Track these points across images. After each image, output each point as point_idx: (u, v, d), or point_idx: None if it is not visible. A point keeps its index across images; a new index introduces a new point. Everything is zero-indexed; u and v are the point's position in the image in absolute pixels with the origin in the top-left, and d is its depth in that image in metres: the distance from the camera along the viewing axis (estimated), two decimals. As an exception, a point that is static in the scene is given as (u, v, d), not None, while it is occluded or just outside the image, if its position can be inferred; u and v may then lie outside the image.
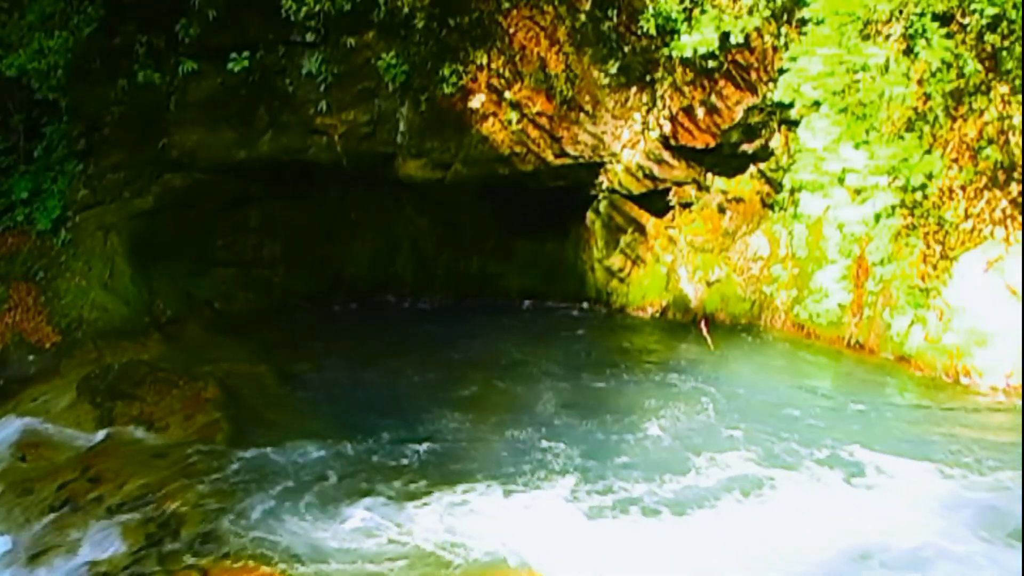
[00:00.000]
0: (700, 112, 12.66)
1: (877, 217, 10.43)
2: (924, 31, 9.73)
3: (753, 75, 12.28)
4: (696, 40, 11.69)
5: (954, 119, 10.06)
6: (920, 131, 10.09)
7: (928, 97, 9.98)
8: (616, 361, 11.82)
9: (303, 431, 9.72)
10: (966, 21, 9.71)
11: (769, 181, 12.77)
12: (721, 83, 12.45)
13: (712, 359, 11.73)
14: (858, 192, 10.45)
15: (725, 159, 13.03)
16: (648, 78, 12.70)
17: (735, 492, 8.23)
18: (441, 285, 15.09)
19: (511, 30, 12.76)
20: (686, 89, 12.58)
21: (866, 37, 10.01)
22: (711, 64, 12.20)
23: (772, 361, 11.65)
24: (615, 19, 12.43)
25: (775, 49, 11.87)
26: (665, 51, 12.21)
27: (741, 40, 11.72)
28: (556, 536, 7.60)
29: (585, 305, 14.35)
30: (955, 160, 10.16)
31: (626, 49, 12.55)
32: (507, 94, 12.88)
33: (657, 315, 13.61)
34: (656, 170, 13.22)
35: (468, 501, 8.15)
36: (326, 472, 8.72)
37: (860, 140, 10.19)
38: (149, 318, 13.24)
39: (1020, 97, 9.78)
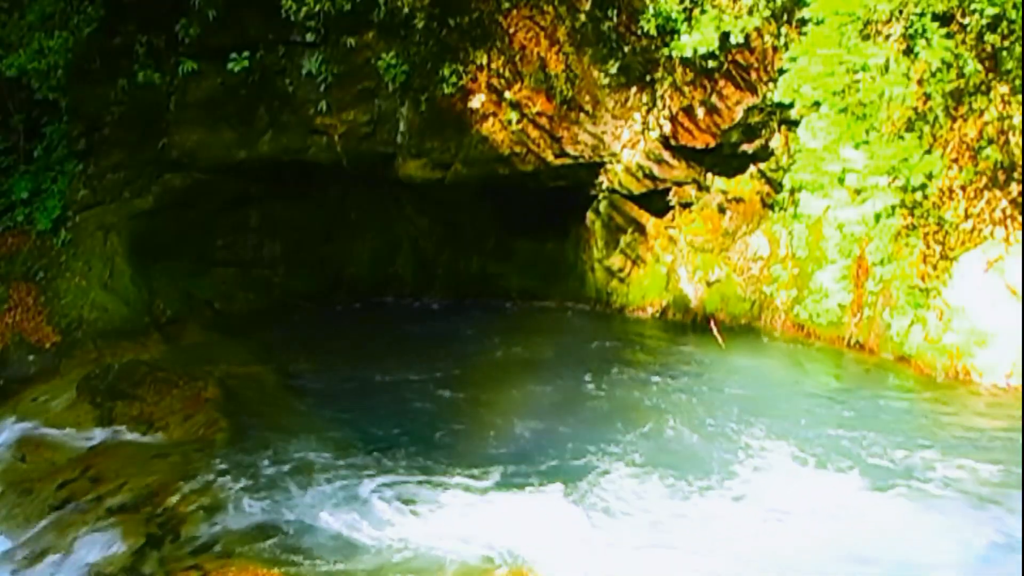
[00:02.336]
0: (700, 112, 12.66)
1: (877, 217, 10.43)
2: (924, 31, 9.71)
3: (753, 75, 12.29)
4: (696, 40, 11.69)
5: (954, 119, 10.06)
6: (920, 131, 10.08)
7: (928, 97, 9.96)
8: (616, 361, 11.81)
9: (303, 431, 9.73)
10: (966, 21, 9.70)
11: (769, 181, 12.78)
12: (721, 83, 12.46)
13: (712, 359, 11.73)
14: (858, 192, 10.44)
15: (725, 159, 13.04)
16: (648, 78, 12.70)
17: (731, 492, 8.25)
18: (441, 285, 15.09)
19: (511, 30, 12.76)
20: (686, 89, 12.59)
21: (866, 37, 10.00)
22: (711, 64, 12.20)
23: (772, 361, 11.65)
24: (615, 19, 12.43)
25: (775, 49, 11.88)
26: (665, 51, 12.21)
27: (741, 40, 11.72)
28: (554, 535, 7.60)
29: (585, 305, 14.32)
30: (955, 160, 10.15)
31: (626, 49, 12.55)
32: (507, 94, 12.88)
33: (657, 315, 13.61)
34: (656, 170, 13.22)
35: (467, 500, 8.16)
36: (326, 472, 8.70)
37: (860, 140, 10.17)
38: (149, 318, 13.24)
39: (1020, 97, 9.78)
